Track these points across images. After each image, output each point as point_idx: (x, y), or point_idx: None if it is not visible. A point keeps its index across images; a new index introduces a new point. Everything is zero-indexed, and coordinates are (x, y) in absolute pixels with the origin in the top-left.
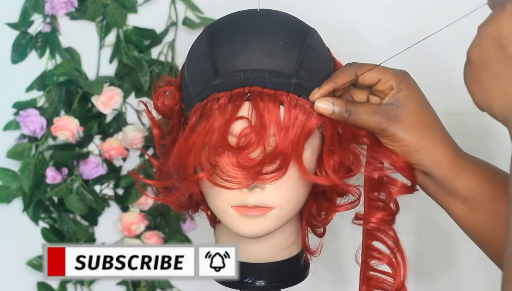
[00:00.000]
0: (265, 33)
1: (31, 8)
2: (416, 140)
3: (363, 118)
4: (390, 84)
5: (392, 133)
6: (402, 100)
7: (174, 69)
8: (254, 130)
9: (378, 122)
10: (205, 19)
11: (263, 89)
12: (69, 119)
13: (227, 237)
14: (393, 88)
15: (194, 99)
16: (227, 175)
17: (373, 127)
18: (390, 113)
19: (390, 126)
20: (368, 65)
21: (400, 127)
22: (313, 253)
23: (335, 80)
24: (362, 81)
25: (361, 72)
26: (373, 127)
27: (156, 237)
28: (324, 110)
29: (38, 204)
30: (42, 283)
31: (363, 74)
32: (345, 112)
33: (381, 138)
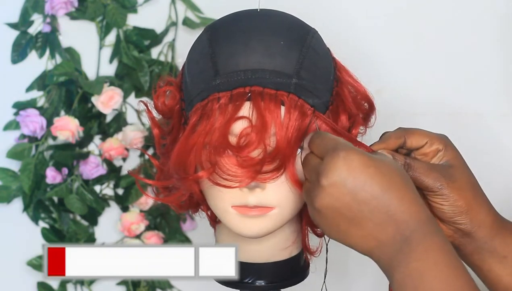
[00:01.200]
0: (265, 33)
1: (31, 8)
2: (467, 201)
3: (422, 173)
4: (436, 147)
5: (446, 193)
6: (452, 161)
7: (174, 69)
8: (255, 130)
9: (435, 179)
10: (205, 19)
11: (264, 89)
12: (69, 119)
13: (227, 237)
14: (440, 150)
15: (194, 99)
16: (227, 174)
17: (430, 184)
18: (446, 172)
19: (446, 184)
20: (416, 129)
21: (455, 187)
22: (313, 253)
23: (386, 142)
24: (410, 145)
25: (410, 135)
26: (430, 184)
27: (156, 237)
28: None
29: (38, 204)
30: (42, 283)
31: (412, 139)
32: (405, 165)
33: (434, 197)
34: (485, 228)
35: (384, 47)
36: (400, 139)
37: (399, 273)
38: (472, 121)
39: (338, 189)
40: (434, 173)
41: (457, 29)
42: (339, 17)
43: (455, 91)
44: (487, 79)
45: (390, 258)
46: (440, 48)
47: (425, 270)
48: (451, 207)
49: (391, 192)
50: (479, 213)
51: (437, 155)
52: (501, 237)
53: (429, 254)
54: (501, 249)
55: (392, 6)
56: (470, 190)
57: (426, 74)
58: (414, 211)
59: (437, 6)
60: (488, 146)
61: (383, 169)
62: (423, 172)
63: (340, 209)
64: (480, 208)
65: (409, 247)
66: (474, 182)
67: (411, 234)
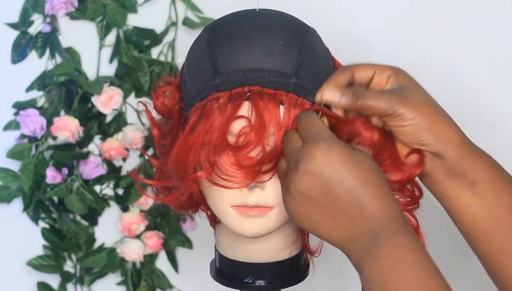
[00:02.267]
0: (264, 33)
1: (31, 8)
2: (427, 118)
3: (372, 100)
4: (387, 73)
5: (403, 112)
6: (405, 83)
7: (174, 69)
8: (254, 129)
9: (388, 100)
10: (205, 19)
11: (263, 89)
12: (69, 119)
13: (227, 237)
14: (390, 76)
15: (193, 99)
16: (226, 174)
17: (383, 107)
18: (398, 94)
19: (401, 104)
20: (361, 63)
21: (410, 105)
22: (313, 253)
23: (333, 79)
24: (359, 79)
25: (357, 68)
26: (383, 108)
27: (156, 237)
28: (332, 98)
29: (38, 204)
30: (42, 283)
31: (359, 71)
32: (353, 96)
33: (391, 120)
34: (453, 147)
35: (384, 47)
36: (346, 73)
37: (368, 269)
38: (472, 121)
39: (315, 178)
40: (386, 95)
41: (457, 29)
42: (338, 17)
43: (455, 91)
44: (487, 79)
45: (360, 252)
46: (440, 48)
47: (393, 267)
48: (411, 125)
49: (365, 188)
50: (444, 130)
51: (389, 81)
52: (472, 160)
53: (398, 251)
54: (470, 173)
55: (391, 6)
56: (427, 106)
57: (425, 74)
58: (386, 208)
59: (437, 6)
60: (488, 146)
61: (361, 165)
62: (373, 97)
63: (314, 197)
64: (444, 125)
65: (378, 243)
66: (432, 100)
67: (380, 231)
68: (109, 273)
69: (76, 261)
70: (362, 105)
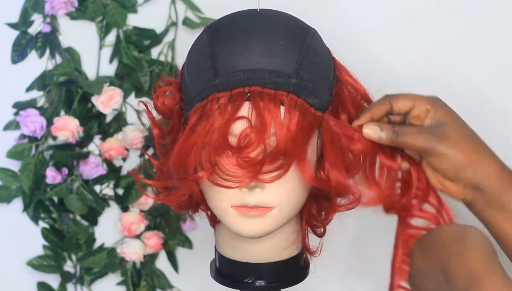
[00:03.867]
0: (265, 33)
1: (31, 8)
2: (466, 154)
3: (411, 137)
4: (425, 107)
5: (442, 151)
6: (443, 118)
7: (174, 69)
8: (254, 130)
9: (426, 140)
10: (205, 19)
11: (263, 89)
12: (69, 119)
13: (227, 237)
14: (429, 111)
15: (194, 99)
16: (226, 174)
17: (422, 146)
18: (436, 131)
19: (439, 143)
20: (401, 93)
21: (449, 143)
22: (313, 253)
23: (372, 111)
24: (397, 110)
25: (395, 100)
26: (422, 146)
27: (156, 237)
28: (373, 135)
29: (38, 204)
30: (42, 283)
31: (398, 102)
32: (393, 133)
33: (430, 158)
34: (492, 180)
35: (384, 47)
36: (385, 105)
37: None
38: (472, 121)
39: None
40: (424, 134)
41: (457, 28)
42: (339, 17)
43: (455, 91)
44: (487, 79)
45: None
46: (440, 48)
47: None
48: (451, 163)
49: None
50: (482, 164)
51: (428, 115)
52: (510, 191)
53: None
54: (509, 204)
55: (392, 6)
56: (466, 143)
57: (426, 74)
58: None
59: (437, 6)
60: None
61: None
62: (412, 135)
63: None
64: (482, 159)
65: None
66: (471, 135)
67: None
68: (109, 273)
69: (76, 261)
70: (401, 143)
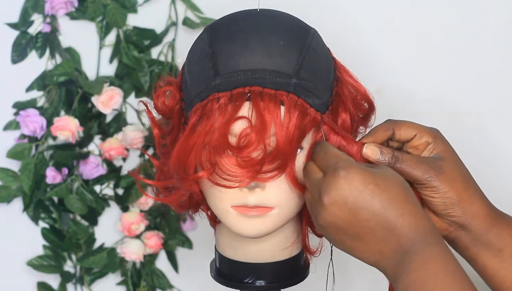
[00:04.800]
0: (265, 33)
1: (31, 8)
2: (458, 192)
3: (409, 166)
4: (426, 139)
5: (436, 185)
6: (442, 153)
7: (174, 69)
8: (255, 130)
9: (424, 171)
10: (205, 19)
11: (264, 89)
12: (69, 119)
13: (227, 237)
14: (429, 143)
15: (194, 99)
16: (227, 174)
17: (418, 176)
18: (434, 164)
19: (435, 176)
20: (404, 121)
21: (444, 179)
22: (313, 253)
23: (374, 135)
24: (399, 137)
25: (399, 127)
26: (418, 176)
27: (156, 237)
28: (372, 156)
29: (38, 204)
30: (42, 283)
31: (400, 130)
32: (392, 158)
33: (424, 190)
34: (479, 220)
35: (384, 47)
36: (388, 131)
37: (401, 283)
38: (472, 121)
39: (339, 208)
40: (422, 165)
41: (457, 29)
42: (339, 17)
43: (456, 91)
44: (487, 79)
45: (394, 269)
46: (440, 48)
47: (425, 279)
48: (442, 199)
49: (391, 209)
50: (472, 204)
51: (427, 148)
52: (497, 230)
53: (429, 264)
54: (496, 242)
55: (392, 6)
56: (460, 181)
57: (426, 74)
58: (414, 224)
59: (437, 6)
60: (488, 146)
61: (383, 185)
62: (411, 164)
63: (342, 226)
64: (472, 200)
65: (409, 258)
66: (465, 173)
67: (411, 246)
68: (109, 273)
69: (76, 261)
70: (398, 169)
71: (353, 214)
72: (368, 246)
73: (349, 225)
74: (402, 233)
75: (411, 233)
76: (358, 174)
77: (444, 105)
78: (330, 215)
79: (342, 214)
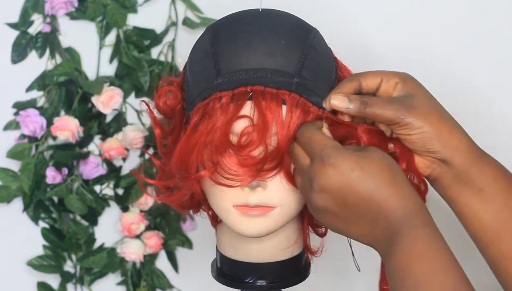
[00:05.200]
0: (267, 33)
1: (31, 8)
2: (434, 126)
3: (379, 108)
4: (394, 81)
5: (410, 122)
6: (412, 90)
7: (174, 69)
8: (256, 129)
9: (395, 110)
10: (205, 19)
11: (265, 89)
12: (69, 119)
13: (229, 236)
14: (397, 83)
15: (196, 98)
16: (228, 173)
17: (390, 116)
18: (405, 102)
19: (407, 113)
20: (369, 71)
21: (417, 114)
22: (314, 253)
23: (341, 88)
24: (367, 87)
25: (364, 77)
26: (390, 116)
27: (156, 237)
28: (340, 105)
29: (38, 204)
30: (42, 283)
31: (366, 79)
32: (361, 104)
33: (398, 129)
34: (461, 154)
35: (386, 46)
36: (354, 82)
37: (389, 265)
38: (472, 121)
39: (329, 194)
40: (393, 105)
41: (457, 28)
42: (341, 17)
43: (456, 91)
44: (487, 79)
45: (384, 250)
46: (440, 48)
47: (410, 262)
48: (419, 134)
49: (378, 191)
50: (451, 137)
51: (396, 88)
52: (478, 167)
53: (415, 247)
54: (477, 180)
55: (393, 6)
56: (435, 115)
57: (426, 74)
58: (401, 206)
59: (437, 6)
60: (488, 146)
61: (369, 170)
62: (381, 106)
63: (334, 212)
64: (450, 133)
65: (396, 241)
66: (439, 108)
67: (398, 229)
68: (109, 273)
69: (76, 261)
70: (369, 113)
71: (343, 200)
72: (360, 229)
73: (340, 210)
74: (390, 216)
75: (399, 214)
76: (345, 160)
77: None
78: (321, 200)
79: (332, 200)
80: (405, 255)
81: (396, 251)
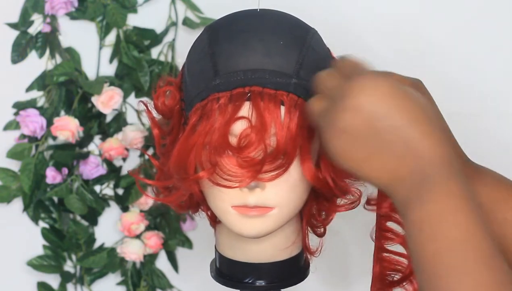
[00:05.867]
0: (265, 33)
1: (31, 8)
2: None
3: None
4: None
5: None
6: None
7: (174, 69)
8: (255, 130)
9: None
10: (205, 19)
11: (263, 89)
12: (69, 119)
13: (227, 237)
14: None
15: (194, 99)
16: (227, 174)
17: None
18: None
19: None
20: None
21: None
22: (313, 253)
23: None
24: None
25: None
26: None
27: (156, 237)
28: None
29: (38, 204)
30: (42, 283)
31: None
32: None
33: None
34: None
35: (384, 47)
36: None
37: (414, 214)
38: (472, 121)
39: (363, 112)
40: None
41: (457, 29)
42: (339, 17)
43: (455, 91)
44: (487, 79)
45: (407, 195)
46: (440, 48)
47: (443, 215)
48: None
49: (413, 126)
50: None
51: None
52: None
53: (450, 199)
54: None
55: (392, 6)
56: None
57: (426, 74)
58: (438, 149)
59: (437, 6)
60: (488, 146)
61: (409, 102)
62: None
63: (361, 133)
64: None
65: (428, 186)
66: (445, 126)
67: (433, 173)
68: (109, 273)
69: (76, 261)
70: None
71: (376, 122)
72: (383, 162)
73: (368, 133)
74: (423, 155)
75: (433, 157)
76: (389, 84)
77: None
78: (351, 118)
79: (363, 120)
80: (439, 206)
81: (426, 199)
